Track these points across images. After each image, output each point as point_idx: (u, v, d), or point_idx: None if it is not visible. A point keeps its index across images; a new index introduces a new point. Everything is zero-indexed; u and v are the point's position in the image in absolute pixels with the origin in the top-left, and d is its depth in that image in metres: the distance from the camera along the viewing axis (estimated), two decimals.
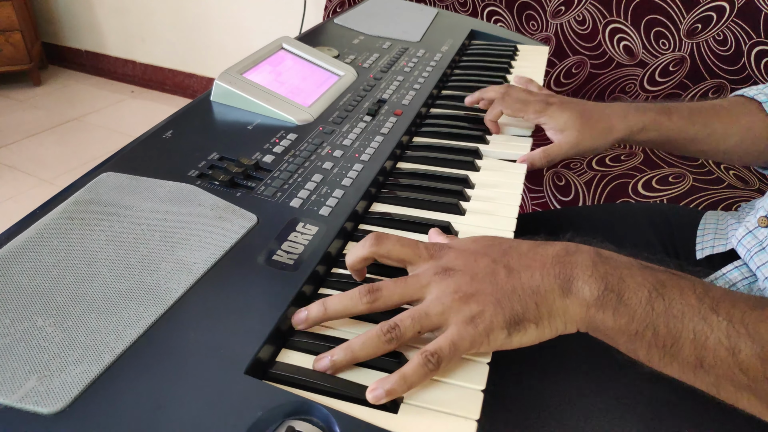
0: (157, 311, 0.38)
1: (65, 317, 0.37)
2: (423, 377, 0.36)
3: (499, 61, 0.93)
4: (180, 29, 2.37)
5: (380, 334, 0.37)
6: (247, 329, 0.38)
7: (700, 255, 0.66)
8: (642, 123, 0.65)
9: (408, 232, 0.52)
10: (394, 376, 0.36)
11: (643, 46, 1.35)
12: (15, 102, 2.40)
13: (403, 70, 0.83)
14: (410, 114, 0.70)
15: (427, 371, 0.36)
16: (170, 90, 2.55)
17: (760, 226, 0.57)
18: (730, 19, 1.25)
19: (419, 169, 0.64)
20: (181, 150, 0.56)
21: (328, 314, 0.40)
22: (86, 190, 0.48)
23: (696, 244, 0.67)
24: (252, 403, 0.33)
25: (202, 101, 0.67)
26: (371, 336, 0.38)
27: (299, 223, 0.48)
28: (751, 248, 0.57)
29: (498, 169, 0.64)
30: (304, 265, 0.44)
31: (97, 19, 2.57)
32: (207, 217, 0.47)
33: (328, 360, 0.37)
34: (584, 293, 0.38)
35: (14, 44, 2.31)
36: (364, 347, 0.38)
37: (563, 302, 0.38)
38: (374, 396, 0.35)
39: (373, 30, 0.97)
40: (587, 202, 1.16)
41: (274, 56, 0.74)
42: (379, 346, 0.38)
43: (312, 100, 0.69)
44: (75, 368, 0.34)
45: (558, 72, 1.45)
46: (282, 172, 0.55)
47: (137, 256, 0.42)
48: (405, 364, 0.36)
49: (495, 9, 1.46)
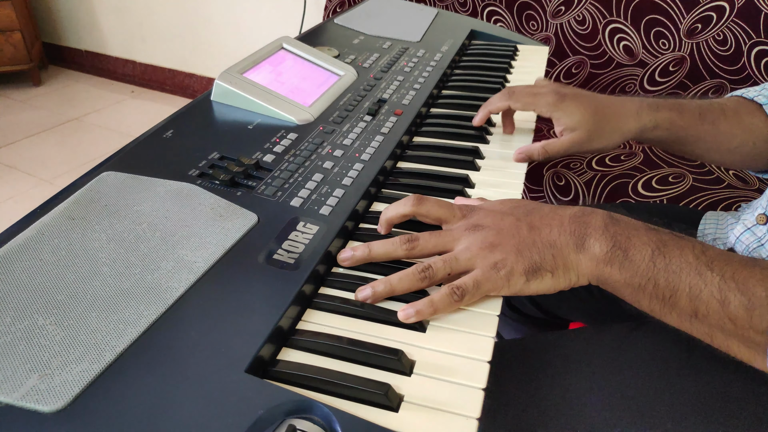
0: (157, 310, 0.38)
1: (66, 316, 0.37)
2: (448, 306, 0.42)
3: (499, 61, 0.93)
4: (180, 29, 2.37)
5: (416, 272, 0.43)
6: (248, 328, 0.38)
7: None
8: (655, 121, 0.64)
9: (408, 230, 0.52)
10: (424, 300, 0.42)
11: (643, 46, 1.35)
12: (15, 102, 2.40)
13: (403, 70, 0.83)
14: (410, 114, 0.70)
15: (451, 301, 0.42)
16: (170, 90, 2.55)
17: (758, 223, 0.57)
18: (730, 19, 1.25)
19: (419, 168, 0.64)
20: (181, 149, 0.56)
21: (372, 256, 0.46)
22: (87, 189, 0.48)
23: None
24: (253, 401, 0.33)
25: (202, 101, 0.67)
26: (408, 273, 0.43)
27: (300, 223, 0.48)
28: (750, 244, 0.57)
29: (498, 169, 0.64)
30: (304, 264, 0.44)
31: (97, 19, 2.57)
32: (207, 216, 0.47)
33: (370, 290, 0.43)
34: (595, 250, 0.43)
35: (14, 44, 2.31)
36: (401, 281, 0.43)
37: (576, 257, 0.43)
38: (405, 314, 0.41)
39: (373, 30, 0.97)
40: (587, 202, 1.16)
41: (275, 56, 0.74)
42: (414, 282, 0.43)
43: (312, 100, 0.69)
44: (76, 367, 0.34)
45: (558, 72, 1.45)
46: (282, 171, 0.55)
47: (138, 255, 0.42)
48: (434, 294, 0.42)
49: (495, 9, 1.46)
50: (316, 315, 0.43)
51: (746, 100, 0.67)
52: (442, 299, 0.42)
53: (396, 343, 0.40)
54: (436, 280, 0.44)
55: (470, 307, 0.44)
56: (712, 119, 0.65)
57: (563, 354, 0.55)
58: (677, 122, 0.64)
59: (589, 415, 0.50)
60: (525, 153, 0.65)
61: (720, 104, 0.67)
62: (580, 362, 0.54)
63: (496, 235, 0.44)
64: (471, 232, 0.45)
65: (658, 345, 0.53)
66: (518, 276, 0.43)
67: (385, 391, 0.35)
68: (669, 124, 0.64)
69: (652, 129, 0.64)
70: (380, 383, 0.36)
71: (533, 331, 0.94)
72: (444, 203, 0.48)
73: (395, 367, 0.38)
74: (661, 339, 0.54)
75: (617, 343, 0.54)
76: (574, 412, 0.50)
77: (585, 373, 0.52)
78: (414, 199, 0.48)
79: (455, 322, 0.42)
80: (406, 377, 0.38)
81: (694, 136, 0.66)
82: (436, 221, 0.49)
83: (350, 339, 0.40)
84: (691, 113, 0.65)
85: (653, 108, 0.64)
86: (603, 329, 0.57)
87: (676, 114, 0.64)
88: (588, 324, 0.86)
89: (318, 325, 0.42)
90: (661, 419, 0.48)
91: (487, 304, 0.44)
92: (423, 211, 0.48)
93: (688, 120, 0.65)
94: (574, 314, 0.85)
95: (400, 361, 0.38)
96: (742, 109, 0.66)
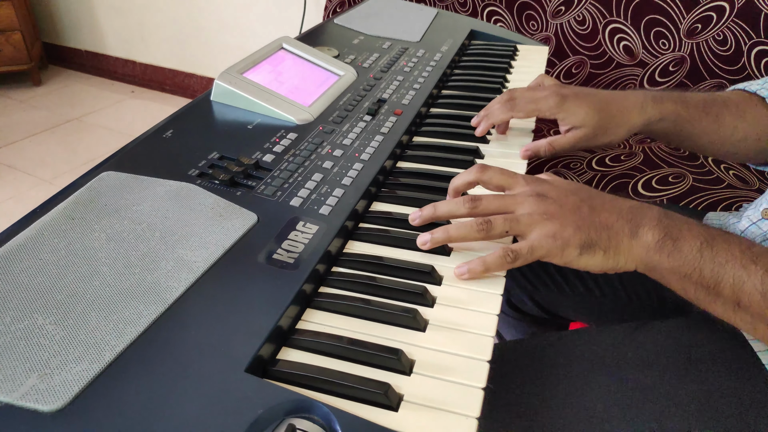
0: (157, 310, 0.38)
1: (66, 315, 0.37)
2: (500, 267, 0.45)
3: (499, 61, 0.93)
4: (180, 29, 2.37)
5: (474, 224, 0.46)
6: (248, 327, 0.38)
7: None
8: (660, 114, 0.64)
9: (408, 230, 0.52)
10: (477, 259, 0.45)
11: (643, 46, 1.35)
12: (15, 102, 2.40)
13: (403, 69, 0.83)
14: (410, 113, 0.70)
15: (504, 262, 0.45)
16: (170, 90, 2.55)
17: (763, 218, 0.57)
18: (730, 19, 1.25)
19: (419, 168, 0.64)
20: (181, 149, 0.56)
21: (437, 215, 0.49)
22: (86, 189, 0.48)
23: None
24: (253, 401, 0.33)
25: (202, 101, 0.67)
26: (467, 223, 0.47)
27: (299, 222, 0.48)
28: (755, 239, 0.57)
29: None
30: (304, 263, 0.44)
31: (97, 19, 2.57)
32: (207, 216, 0.47)
33: (429, 236, 0.47)
34: (647, 238, 0.45)
35: (14, 44, 2.31)
36: (459, 230, 0.47)
37: (629, 242, 0.46)
38: (459, 271, 0.46)
39: (373, 30, 0.97)
40: None
41: (274, 56, 0.74)
42: (471, 233, 0.46)
43: (312, 100, 0.69)
44: (75, 366, 0.34)
45: (558, 72, 1.45)
46: (282, 171, 0.55)
47: (138, 254, 0.42)
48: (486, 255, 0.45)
49: (495, 9, 1.46)
50: (316, 314, 0.43)
51: (749, 94, 0.67)
52: (495, 260, 0.45)
53: (396, 342, 0.40)
54: (494, 235, 0.46)
55: (470, 307, 0.44)
56: (716, 112, 0.65)
57: (564, 355, 0.55)
58: (682, 114, 0.64)
59: (591, 415, 0.50)
60: (532, 150, 0.65)
61: (723, 98, 0.67)
62: (581, 363, 0.54)
63: (558, 208, 0.46)
64: (535, 200, 0.47)
65: (659, 346, 0.53)
66: (573, 248, 0.45)
67: (385, 391, 0.35)
68: (674, 116, 0.64)
69: (658, 121, 0.64)
70: (380, 383, 0.36)
71: (533, 330, 0.94)
72: (507, 171, 0.51)
73: (395, 366, 0.38)
74: (662, 340, 0.54)
75: (618, 344, 0.54)
76: (576, 412, 0.50)
77: (586, 373, 0.52)
78: (478, 168, 0.51)
79: (455, 322, 0.42)
80: (406, 377, 0.38)
81: (698, 128, 0.65)
82: (497, 188, 0.51)
83: (350, 338, 0.40)
84: (695, 106, 0.65)
85: (657, 100, 0.64)
86: (604, 330, 0.57)
87: (681, 106, 0.64)
88: (589, 324, 0.86)
89: (318, 325, 0.42)
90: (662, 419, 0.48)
91: (486, 304, 0.44)
92: (485, 178, 0.50)
93: (693, 112, 0.65)
94: (574, 314, 0.85)
95: (399, 361, 0.38)
96: (744, 103, 0.66)
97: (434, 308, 0.44)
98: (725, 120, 0.65)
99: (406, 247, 0.50)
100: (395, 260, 0.48)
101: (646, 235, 0.45)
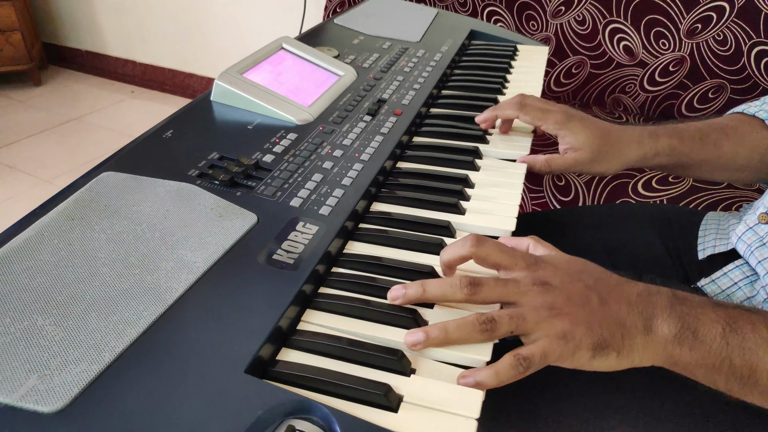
0: (157, 310, 0.38)
1: (65, 316, 0.37)
2: (513, 377, 0.38)
3: (499, 61, 0.93)
4: (180, 29, 2.37)
5: (476, 323, 0.39)
6: (248, 328, 0.38)
7: (702, 255, 0.66)
8: (655, 149, 0.64)
9: (408, 231, 0.52)
10: (487, 370, 0.38)
11: (643, 46, 1.35)
12: (15, 102, 2.40)
13: (403, 70, 0.83)
14: (410, 114, 0.70)
15: (516, 373, 0.38)
16: (170, 90, 2.55)
17: (760, 222, 0.57)
18: (730, 19, 1.25)
19: (419, 168, 0.64)
20: (181, 149, 0.56)
21: (426, 297, 0.42)
22: (86, 189, 0.48)
23: (698, 244, 0.67)
24: (252, 402, 0.33)
25: (202, 101, 0.67)
26: (467, 322, 0.40)
27: (299, 223, 0.48)
28: (752, 244, 0.57)
29: (498, 169, 0.64)
30: (304, 264, 0.44)
31: (97, 19, 2.57)
32: (207, 216, 0.47)
33: (422, 335, 0.39)
34: (663, 331, 0.41)
35: (14, 44, 2.31)
36: (459, 330, 0.39)
37: (644, 339, 0.41)
38: (464, 383, 0.38)
39: (373, 30, 0.97)
40: (587, 202, 1.16)
41: (274, 56, 0.74)
42: (473, 334, 0.39)
43: (312, 100, 0.69)
44: (75, 367, 0.34)
45: (558, 72, 1.45)
46: (282, 171, 0.55)
47: (137, 255, 0.42)
48: (497, 362, 0.38)
49: (495, 9, 1.46)
50: (316, 315, 0.43)
51: (747, 117, 0.67)
52: (507, 371, 0.38)
53: (396, 343, 0.40)
54: (498, 335, 0.40)
55: (469, 306, 0.44)
56: (714, 140, 0.65)
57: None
58: (678, 148, 0.65)
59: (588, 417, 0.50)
60: (528, 162, 0.65)
61: (720, 124, 0.67)
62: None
63: (566, 303, 0.41)
64: (540, 289, 0.42)
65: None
66: (585, 351, 0.40)
67: (385, 392, 0.35)
68: (669, 150, 0.64)
69: (653, 156, 0.65)
70: (380, 383, 0.36)
71: None
72: (505, 248, 0.44)
73: (395, 367, 0.38)
74: None
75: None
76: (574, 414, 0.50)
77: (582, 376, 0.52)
78: (473, 241, 0.43)
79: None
80: (406, 377, 0.38)
81: (696, 159, 0.66)
82: (494, 267, 0.44)
83: (350, 339, 0.40)
84: (691, 138, 0.65)
85: (653, 136, 0.65)
86: None
87: (677, 140, 0.65)
88: None
89: (317, 326, 0.42)
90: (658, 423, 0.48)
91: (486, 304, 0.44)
92: (482, 254, 0.43)
93: (689, 145, 0.65)
94: None
95: (399, 362, 0.38)
96: (743, 127, 0.66)
97: (434, 309, 0.44)
98: (724, 147, 0.65)
99: (406, 248, 0.50)
100: (395, 261, 0.48)
101: (661, 327, 0.41)
